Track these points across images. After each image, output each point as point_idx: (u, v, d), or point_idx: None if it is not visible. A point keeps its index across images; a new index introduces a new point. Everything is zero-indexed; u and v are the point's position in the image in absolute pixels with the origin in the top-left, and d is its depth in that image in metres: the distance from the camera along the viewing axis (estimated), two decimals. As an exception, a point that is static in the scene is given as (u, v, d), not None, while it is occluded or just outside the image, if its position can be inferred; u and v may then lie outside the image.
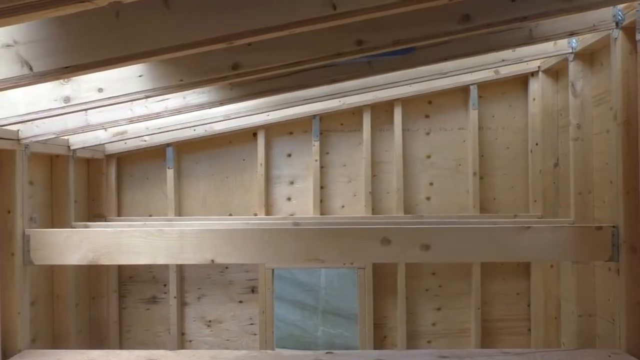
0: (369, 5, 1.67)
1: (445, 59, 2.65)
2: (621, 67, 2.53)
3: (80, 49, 1.71)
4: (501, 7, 2.10)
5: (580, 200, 3.07)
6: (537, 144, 3.66)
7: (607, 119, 2.86)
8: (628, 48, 2.52)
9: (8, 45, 1.73)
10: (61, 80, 2.17)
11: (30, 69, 1.74)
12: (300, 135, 3.86)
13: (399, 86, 3.37)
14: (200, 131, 3.71)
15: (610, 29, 2.60)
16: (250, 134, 3.85)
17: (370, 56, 2.47)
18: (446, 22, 2.11)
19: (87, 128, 2.83)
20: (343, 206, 3.83)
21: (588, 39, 2.91)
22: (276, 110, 3.46)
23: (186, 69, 2.18)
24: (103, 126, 2.87)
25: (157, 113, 2.77)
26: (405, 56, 2.51)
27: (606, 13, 2.55)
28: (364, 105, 3.73)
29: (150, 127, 3.38)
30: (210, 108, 2.87)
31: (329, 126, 3.84)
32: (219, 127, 3.70)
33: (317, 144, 3.80)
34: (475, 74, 3.52)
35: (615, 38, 2.58)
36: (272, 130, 3.85)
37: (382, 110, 3.79)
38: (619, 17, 2.54)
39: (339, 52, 2.17)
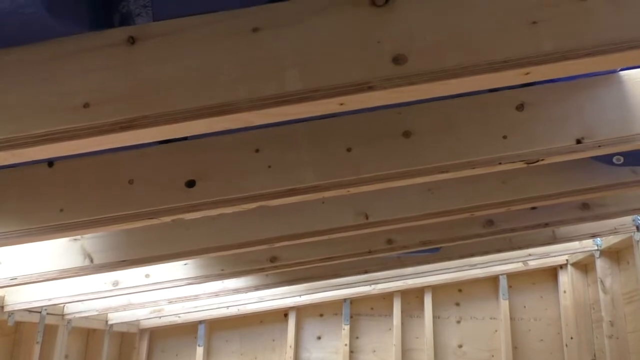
0: (397, 216, 1.86)
1: (472, 255, 2.78)
2: (646, 269, 2.60)
3: (138, 245, 1.90)
4: (523, 214, 2.26)
5: (621, 402, 2.93)
6: (572, 338, 3.59)
7: (639, 318, 2.85)
8: (650, 251, 2.61)
9: (75, 239, 1.94)
10: (113, 267, 2.36)
11: (91, 260, 1.92)
12: (331, 317, 3.90)
13: (428, 276, 3.46)
14: (233, 310, 3.79)
15: (631, 232, 2.73)
16: (282, 314, 3.91)
17: (400, 253, 2.62)
18: (471, 226, 2.27)
19: (129, 307, 2.96)
20: (372, 394, 3.72)
21: (612, 238, 3.02)
22: (308, 294, 3.56)
23: (227, 260, 2.35)
24: (143, 305, 3.01)
25: (196, 295, 2.91)
26: (432, 252, 2.65)
27: (626, 217, 2.69)
28: (395, 291, 3.80)
29: (186, 305, 3.50)
30: (246, 292, 3.00)
31: (359, 309, 3.88)
32: (252, 307, 3.78)
33: (347, 327, 3.82)
34: (504, 265, 3.61)
35: (638, 240, 2.69)
36: (303, 311, 3.91)
37: (412, 296, 3.85)
38: (639, 221, 2.68)
39: (370, 250, 2.33)
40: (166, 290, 2.92)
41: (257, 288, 2.92)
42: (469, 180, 1.78)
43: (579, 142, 1.34)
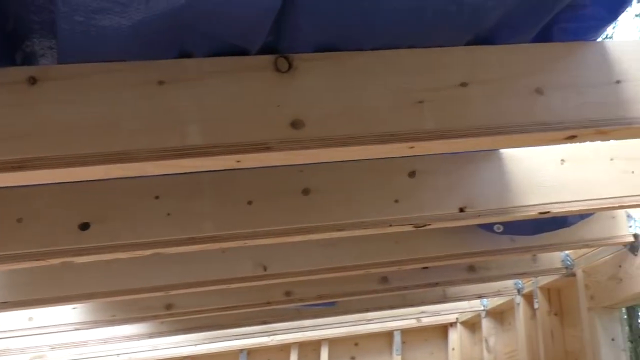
0: (295, 269, 1.89)
1: (367, 310, 2.86)
2: (525, 331, 2.78)
3: (22, 286, 1.80)
4: (415, 273, 2.37)
5: None
6: (458, 395, 3.72)
7: (518, 377, 3.02)
8: (529, 313, 2.81)
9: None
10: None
11: (-35, 302, 1.79)
12: (227, 368, 3.81)
13: (326, 329, 3.50)
14: (124, 359, 3.60)
15: (513, 295, 2.92)
16: (176, 364, 3.76)
17: (298, 305, 2.64)
18: (366, 282, 2.35)
19: (6, 352, 2.74)
20: None
21: (497, 299, 3.22)
22: (205, 343, 3.47)
23: (120, 306, 2.26)
24: (23, 351, 2.80)
25: (84, 341, 2.75)
26: (329, 306, 2.69)
27: (509, 280, 2.89)
28: (293, 343, 3.79)
29: (73, 352, 3.29)
30: (138, 340, 2.88)
31: (254, 361, 3.83)
32: (145, 355, 3.62)
33: (238, 380, 3.74)
34: (399, 321, 3.72)
35: (518, 303, 2.88)
36: (198, 362, 3.79)
37: (309, 349, 3.85)
38: (520, 285, 2.88)
39: (268, 301, 2.34)
40: (51, 335, 2.74)
41: (150, 336, 2.82)
42: (364, 238, 1.85)
43: (461, 210, 1.45)
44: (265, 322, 2.94)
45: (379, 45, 1.01)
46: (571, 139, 1.04)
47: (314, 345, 3.85)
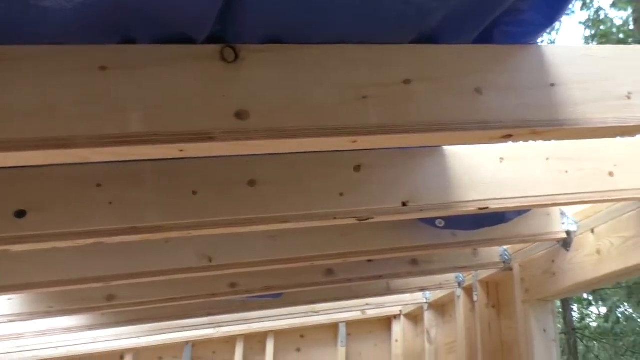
0: (241, 261, 1.89)
1: (313, 302, 2.88)
2: (464, 323, 2.88)
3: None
4: (360, 266, 2.41)
5: None
6: (400, 385, 3.81)
7: (457, 368, 3.12)
8: (469, 306, 2.90)
9: None
10: None
11: None
12: (170, 361, 3.77)
13: (272, 320, 3.51)
14: (62, 351, 3.50)
15: (454, 288, 3.01)
16: (118, 356, 3.69)
17: (244, 296, 2.64)
18: (312, 274, 2.37)
19: None
20: None
21: (439, 292, 3.31)
22: (148, 335, 3.41)
23: (58, 297, 2.20)
24: (-47, 343, 2.68)
25: (20, 334, 2.66)
26: (275, 298, 2.70)
27: (451, 274, 2.97)
28: (238, 335, 3.79)
29: (7, 345, 3.17)
30: (77, 332, 2.80)
31: (200, 353, 3.80)
32: (84, 348, 3.53)
33: (186, 372, 3.71)
34: (344, 313, 3.77)
35: (459, 296, 2.97)
36: (142, 354, 3.73)
37: (255, 341, 3.85)
38: (460, 278, 2.97)
39: (213, 293, 2.33)
40: (-17, 327, 2.64)
41: (90, 328, 2.75)
42: (310, 231, 1.87)
43: (404, 204, 1.49)
44: (210, 314, 2.92)
45: (327, 39, 1.02)
46: (507, 138, 1.09)
47: (259, 337, 3.85)
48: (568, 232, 2.06)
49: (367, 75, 1.03)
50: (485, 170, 1.56)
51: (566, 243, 2.10)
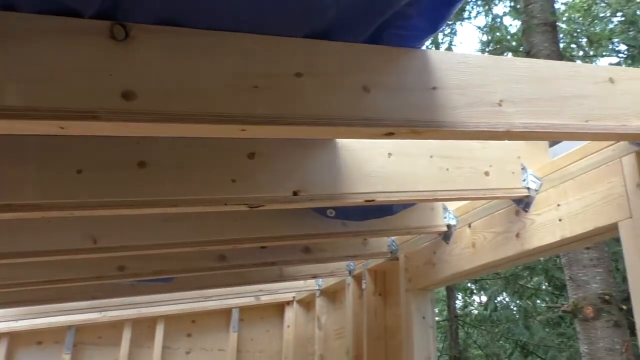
0: (129, 243, 1.85)
1: (205, 287, 2.87)
2: (352, 309, 2.99)
3: None
4: (253, 252, 2.43)
5: None
6: (289, 369, 3.89)
7: (342, 353, 3.24)
8: (357, 293, 3.02)
9: None
10: None
11: None
12: (51, 346, 3.58)
13: (162, 305, 3.45)
14: None
15: (345, 275, 3.12)
16: (-9, 341, 3.47)
17: (132, 280, 2.58)
18: (204, 259, 2.36)
19: None
20: None
21: (331, 280, 3.41)
22: (26, 319, 3.24)
23: None
24: None
25: None
26: (166, 282, 2.66)
27: (342, 262, 3.08)
28: (126, 320, 3.68)
29: None
30: (-56, 314, 2.60)
31: (85, 338, 3.65)
32: (-47, 332, 3.29)
33: (68, 357, 3.55)
34: (238, 299, 3.78)
35: (349, 284, 3.09)
36: (18, 339, 3.52)
37: (144, 326, 3.76)
38: (351, 267, 3.09)
39: (99, 276, 2.25)
40: None
41: (-40, 310, 2.56)
42: (202, 215, 1.87)
43: (295, 194, 1.53)
44: (95, 297, 2.82)
45: (219, 26, 1.02)
46: (389, 135, 1.15)
47: (149, 322, 3.77)
48: (449, 226, 2.21)
49: (259, 65, 1.05)
50: (374, 163, 1.64)
51: (446, 236, 2.25)
